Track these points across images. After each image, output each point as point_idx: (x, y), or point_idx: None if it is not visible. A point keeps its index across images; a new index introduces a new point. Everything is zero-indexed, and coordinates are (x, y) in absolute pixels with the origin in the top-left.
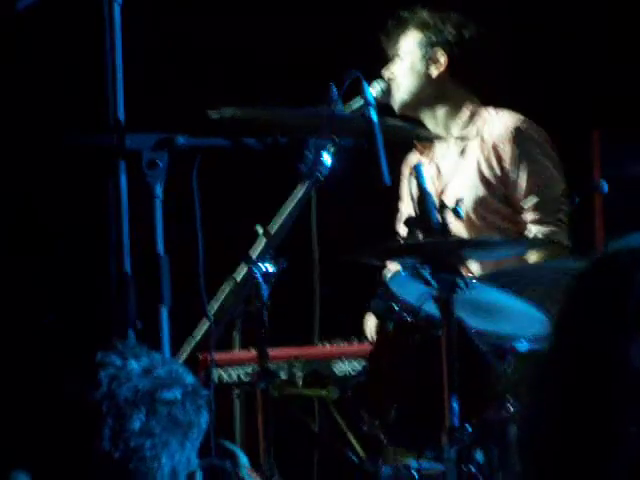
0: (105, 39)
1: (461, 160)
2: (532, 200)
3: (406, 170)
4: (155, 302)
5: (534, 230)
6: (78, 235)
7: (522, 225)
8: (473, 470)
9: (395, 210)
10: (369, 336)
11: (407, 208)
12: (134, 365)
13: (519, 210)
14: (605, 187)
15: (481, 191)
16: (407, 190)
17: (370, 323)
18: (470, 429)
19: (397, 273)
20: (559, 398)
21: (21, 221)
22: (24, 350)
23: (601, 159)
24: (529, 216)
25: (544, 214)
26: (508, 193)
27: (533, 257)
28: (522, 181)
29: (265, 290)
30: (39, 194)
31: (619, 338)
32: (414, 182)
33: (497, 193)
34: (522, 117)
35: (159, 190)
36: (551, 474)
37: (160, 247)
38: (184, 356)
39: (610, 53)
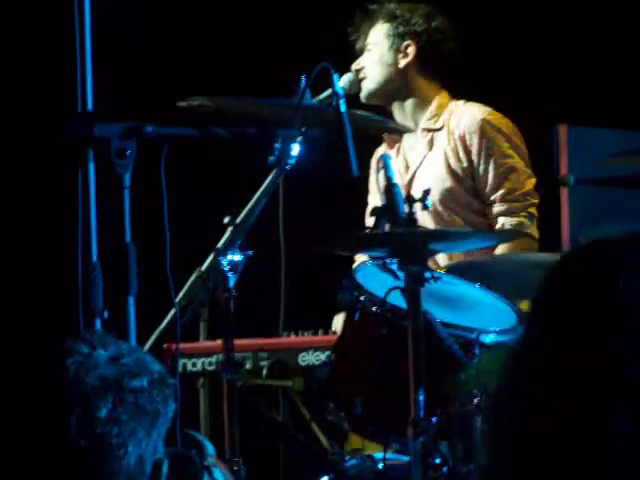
0: (74, 27)
1: (429, 152)
2: (500, 192)
3: (374, 163)
4: (122, 291)
5: (502, 221)
6: (46, 224)
7: (491, 218)
8: (438, 462)
9: (364, 202)
10: (337, 328)
11: (375, 200)
12: (101, 353)
13: (487, 202)
14: (572, 180)
15: (449, 183)
16: (375, 182)
17: (338, 317)
18: (435, 421)
19: (364, 264)
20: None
21: None
22: None
23: (568, 152)
24: (497, 208)
25: (512, 206)
26: (476, 185)
27: (501, 249)
28: (490, 173)
29: (232, 280)
30: (7, 183)
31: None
32: (381, 173)
33: (465, 185)
34: (489, 109)
35: (127, 179)
36: (521, 465)
37: (128, 236)
38: (151, 346)
39: (579, 46)
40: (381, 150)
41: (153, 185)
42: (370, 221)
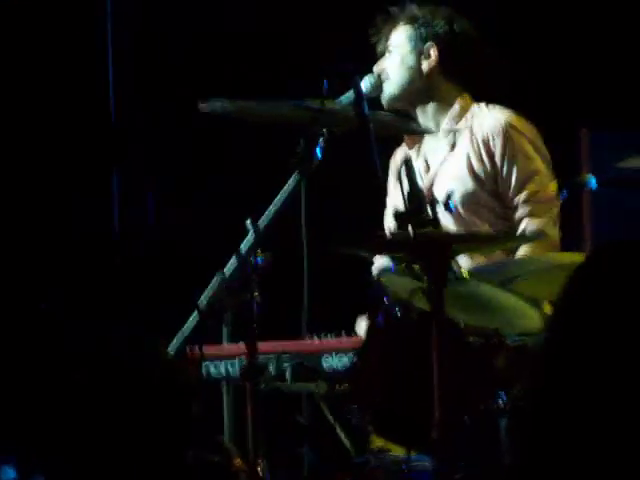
0: (96, 34)
1: (451, 154)
2: (522, 195)
3: (394, 165)
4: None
5: (524, 224)
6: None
7: (512, 220)
8: (462, 463)
9: (383, 203)
10: (361, 330)
11: (394, 202)
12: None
13: (509, 205)
14: (593, 183)
15: (471, 185)
16: (394, 184)
17: (362, 320)
18: (460, 422)
19: (387, 267)
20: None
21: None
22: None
23: (589, 156)
24: (519, 210)
25: (534, 209)
26: (498, 188)
27: (522, 251)
28: (512, 176)
29: (254, 283)
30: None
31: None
32: (404, 176)
33: (487, 187)
34: (513, 113)
35: (152, 181)
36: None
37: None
38: (174, 350)
39: (598, 51)
40: (400, 151)
41: (177, 190)
42: (390, 222)
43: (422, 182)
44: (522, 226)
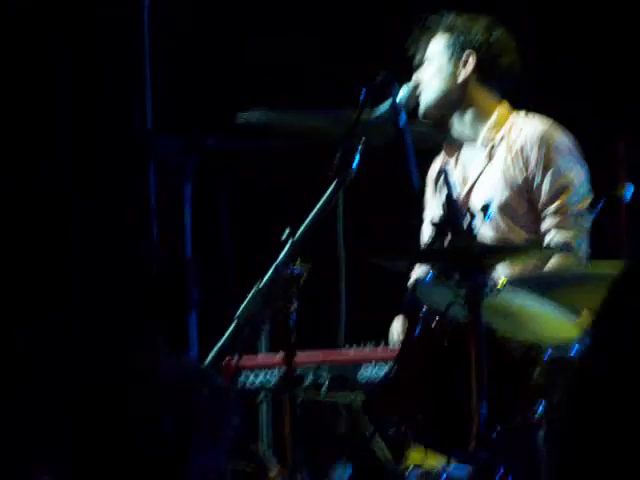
0: (134, 40)
1: (488, 163)
2: (553, 206)
3: (431, 175)
4: (184, 306)
5: (551, 236)
6: (108, 237)
7: (541, 231)
8: (500, 474)
9: (421, 214)
10: (395, 340)
11: (431, 212)
12: (164, 367)
13: (540, 215)
14: (629, 194)
15: (507, 195)
16: (431, 194)
17: (397, 327)
18: (498, 434)
19: (424, 277)
20: (595, 405)
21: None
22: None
23: (626, 168)
24: (548, 222)
25: (563, 221)
26: (532, 197)
27: (549, 263)
28: (546, 185)
29: (292, 294)
30: (69, 195)
31: None
32: (442, 186)
33: (523, 197)
34: (551, 122)
35: (188, 192)
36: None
37: (189, 250)
38: (211, 360)
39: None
40: (439, 161)
41: (213, 199)
42: (428, 234)
43: (460, 192)
44: (548, 237)
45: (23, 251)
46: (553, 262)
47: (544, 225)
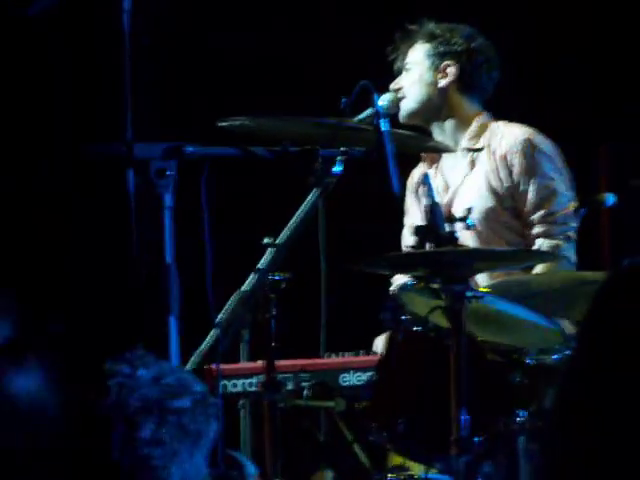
0: (115, 47)
1: (470, 172)
2: (539, 213)
3: (410, 183)
4: (164, 312)
5: (539, 243)
6: (87, 246)
7: (529, 239)
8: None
9: (402, 222)
10: (378, 349)
11: (411, 221)
12: (143, 373)
13: (526, 223)
14: (612, 200)
15: (490, 202)
16: (411, 203)
17: (380, 338)
18: (479, 440)
19: (405, 284)
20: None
21: (27, 229)
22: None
23: (608, 173)
24: (535, 229)
25: (551, 227)
26: (516, 205)
27: (537, 271)
28: (531, 193)
29: (272, 300)
30: (48, 203)
31: None
32: (423, 193)
33: (505, 205)
34: (532, 129)
35: (168, 199)
36: None
37: (169, 257)
38: (191, 367)
39: (618, 68)
40: (418, 170)
41: (193, 205)
42: (407, 242)
43: (441, 200)
44: (537, 245)
45: (21, 250)
46: (542, 269)
47: (532, 232)
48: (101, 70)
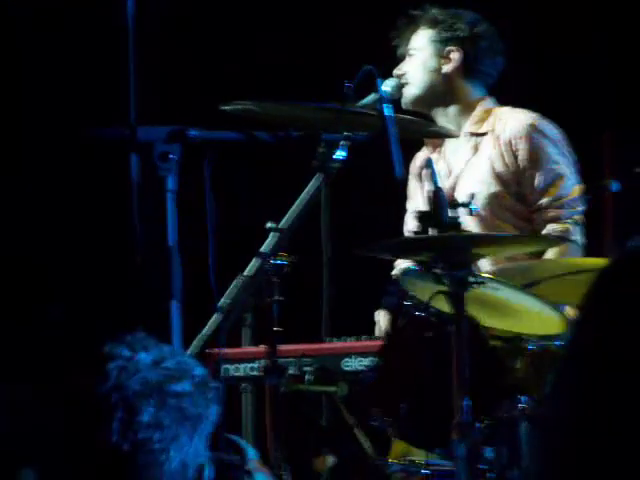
0: (118, 31)
1: (473, 156)
2: (547, 198)
3: (414, 168)
4: (165, 296)
5: (548, 228)
6: (89, 229)
7: (536, 223)
8: (483, 467)
9: (404, 207)
10: (380, 332)
11: (414, 206)
12: (143, 357)
13: (533, 208)
14: (616, 186)
15: (494, 187)
16: (414, 187)
17: (382, 319)
18: (481, 426)
19: (408, 269)
20: (579, 396)
21: (30, 214)
22: (29, 343)
23: (612, 159)
24: (544, 214)
25: (559, 212)
26: (522, 190)
27: (547, 255)
28: (536, 179)
29: (275, 285)
30: (51, 186)
31: None
32: (426, 177)
33: (510, 190)
34: (537, 115)
35: (171, 183)
36: (568, 473)
37: (171, 240)
38: (193, 351)
39: (622, 54)
40: (421, 155)
41: (196, 189)
42: (410, 227)
43: (444, 184)
44: (545, 229)
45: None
46: (552, 254)
47: (540, 217)
48: (105, 53)
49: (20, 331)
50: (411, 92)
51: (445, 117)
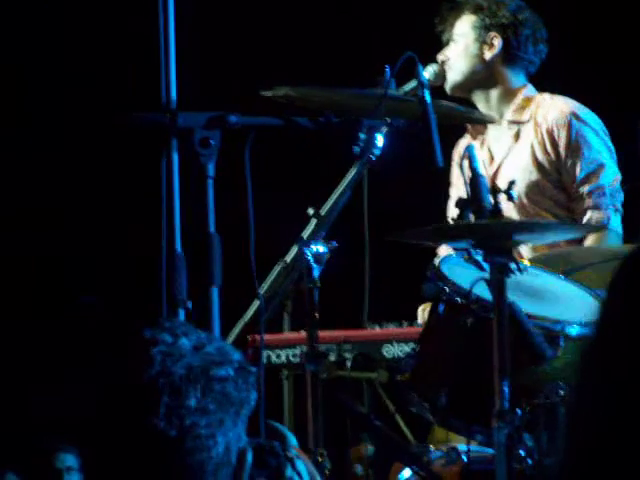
0: (158, 17)
1: (515, 144)
2: (588, 186)
3: (456, 155)
4: (206, 282)
5: (589, 216)
6: (130, 215)
7: (576, 211)
8: (522, 454)
9: (447, 193)
10: (421, 320)
11: (457, 193)
12: (185, 342)
13: (574, 196)
14: None
15: (535, 175)
16: (457, 174)
17: (423, 308)
18: (520, 412)
19: (449, 255)
20: (604, 386)
21: (69, 200)
22: (68, 331)
23: None
24: (585, 202)
25: (598, 201)
26: (562, 178)
27: (587, 243)
28: (577, 167)
29: (316, 271)
30: (91, 172)
31: None
32: (466, 164)
33: (551, 178)
34: (577, 103)
35: (211, 169)
36: (593, 461)
37: (211, 227)
38: (233, 337)
39: None
40: (463, 142)
41: (237, 175)
42: (453, 213)
43: (485, 171)
44: (586, 217)
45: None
46: (592, 241)
47: (581, 205)
48: (145, 39)
49: (57, 323)
50: (453, 78)
51: (487, 104)
